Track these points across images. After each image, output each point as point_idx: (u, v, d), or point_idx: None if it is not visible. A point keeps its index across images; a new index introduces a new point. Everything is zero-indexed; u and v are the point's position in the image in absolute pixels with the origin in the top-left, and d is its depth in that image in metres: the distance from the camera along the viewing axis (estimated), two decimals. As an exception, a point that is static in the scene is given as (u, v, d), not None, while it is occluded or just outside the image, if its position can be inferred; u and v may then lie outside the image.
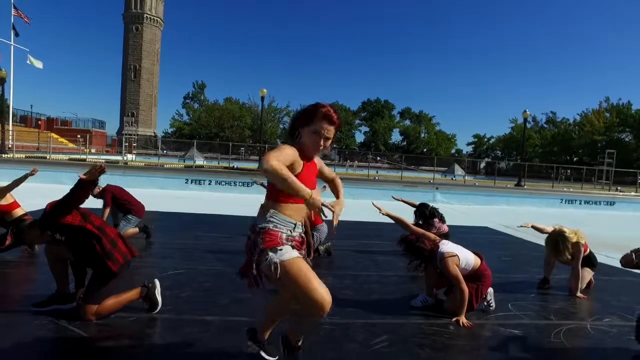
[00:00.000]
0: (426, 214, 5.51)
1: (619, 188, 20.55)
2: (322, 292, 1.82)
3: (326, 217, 1.91)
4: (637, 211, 16.26)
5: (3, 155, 17.49)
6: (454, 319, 3.27)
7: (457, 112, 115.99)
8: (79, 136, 51.61)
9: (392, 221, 3.79)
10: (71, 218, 2.92)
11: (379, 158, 51.05)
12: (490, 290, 3.62)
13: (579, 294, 4.21)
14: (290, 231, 1.97)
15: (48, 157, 19.06)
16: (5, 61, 41.06)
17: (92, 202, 5.14)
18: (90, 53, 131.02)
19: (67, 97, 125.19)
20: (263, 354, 2.27)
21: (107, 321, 2.89)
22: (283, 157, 1.80)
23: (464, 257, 3.45)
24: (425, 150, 70.14)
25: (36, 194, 5.46)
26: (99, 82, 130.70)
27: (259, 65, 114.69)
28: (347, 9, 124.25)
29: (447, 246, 3.49)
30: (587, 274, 4.40)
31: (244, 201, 12.41)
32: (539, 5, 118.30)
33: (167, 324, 2.97)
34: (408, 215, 4.87)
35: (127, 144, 24.24)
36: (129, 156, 25.93)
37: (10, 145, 20.19)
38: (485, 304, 3.60)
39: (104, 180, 14.24)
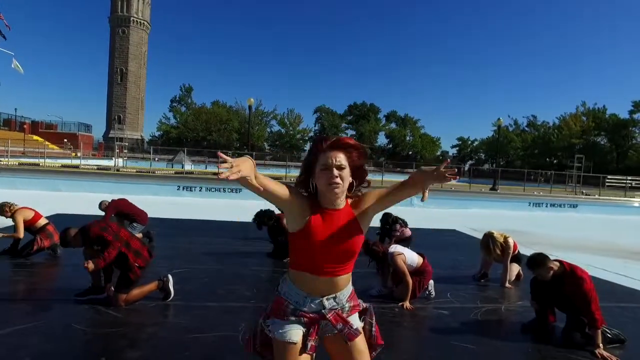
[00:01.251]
0: (389, 221, 6.51)
1: (583, 191, 21.93)
2: None
3: None
4: (596, 213, 17.60)
5: (-2, 163, 17.99)
6: (400, 304, 4.24)
7: (442, 115, 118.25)
8: (65, 140, 51.63)
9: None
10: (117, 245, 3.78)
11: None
12: (431, 282, 4.61)
13: (507, 284, 5.24)
14: (299, 304, 1.61)
15: (41, 164, 19.58)
16: (-9, 65, 41.05)
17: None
18: (76, 56, 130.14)
19: (52, 100, 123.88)
20: None
21: (133, 306, 3.80)
22: (272, 184, 1.49)
23: (410, 256, 4.43)
24: (410, 153, 71.64)
25: (35, 203, 6.24)
26: (84, 85, 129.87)
27: (246, 68, 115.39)
28: (332, 11, 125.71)
29: (396, 248, 4.48)
30: (515, 268, 5.41)
31: (233, 207, 13.28)
32: (523, 8, 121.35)
33: (178, 308, 3.89)
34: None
35: (118, 150, 24.67)
36: (120, 161, 26.47)
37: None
38: (427, 293, 4.58)
39: (101, 187, 15.01)
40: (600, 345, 3.30)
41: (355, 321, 1.68)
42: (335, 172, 1.49)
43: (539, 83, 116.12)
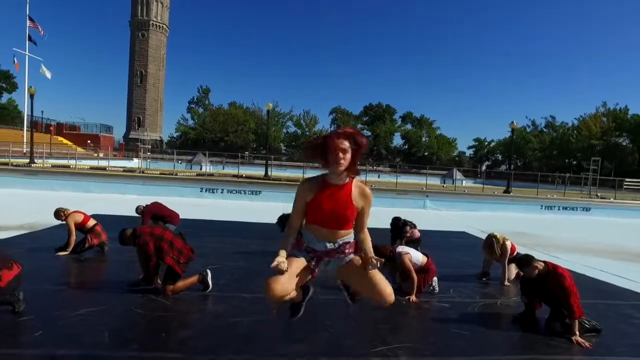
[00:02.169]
0: (399, 225, 7.11)
1: (598, 194, 22.00)
2: (266, 281, 2.31)
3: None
4: (610, 217, 17.78)
5: (33, 166, 19.17)
6: (406, 297, 4.85)
7: (458, 115, 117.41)
8: (89, 141, 53.47)
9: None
10: (151, 244, 4.48)
11: (376, 168, 52.36)
12: (435, 279, 5.20)
13: (506, 282, 5.78)
14: (310, 243, 2.39)
15: (72, 166, 20.69)
16: (21, 70, 43.02)
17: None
18: (98, 59, 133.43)
19: (75, 102, 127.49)
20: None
21: (179, 296, 4.50)
22: (293, 211, 2.36)
23: (415, 256, 5.04)
24: (426, 153, 71.61)
25: (71, 205, 6.95)
26: (106, 88, 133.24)
27: (262, 69, 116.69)
28: (349, 12, 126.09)
29: (403, 248, 5.10)
30: (514, 269, 5.94)
31: (253, 208, 14.04)
32: (540, 9, 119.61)
33: (216, 298, 4.58)
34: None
35: (144, 153, 25.75)
36: (143, 162, 27.59)
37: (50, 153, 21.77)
38: (431, 288, 5.18)
39: (129, 188, 16.09)
40: (577, 333, 3.84)
41: (350, 257, 2.46)
42: (340, 154, 2.17)
43: (558, 83, 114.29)
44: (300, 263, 2.36)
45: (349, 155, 2.19)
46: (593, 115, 61.29)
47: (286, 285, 2.27)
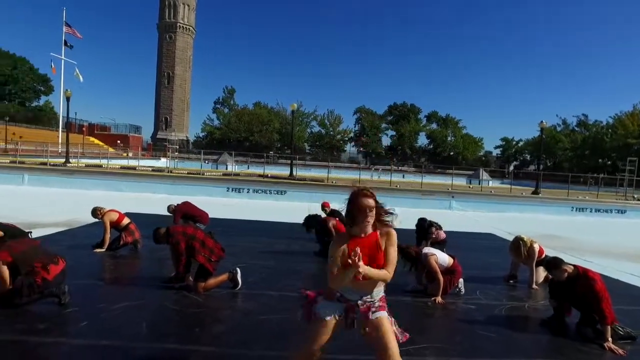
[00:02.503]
0: (424, 226, 7.10)
1: (635, 196, 21.17)
2: (303, 352, 2.39)
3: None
4: (646, 219, 17.11)
5: (68, 165, 20.01)
6: (432, 299, 4.86)
7: (485, 114, 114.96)
8: (119, 141, 55.22)
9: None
10: (183, 243, 4.66)
11: (400, 168, 51.88)
12: (461, 280, 5.19)
13: (534, 285, 5.70)
14: (345, 295, 2.41)
15: (104, 166, 21.47)
16: (57, 74, 44.88)
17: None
18: (128, 62, 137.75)
19: (106, 104, 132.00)
20: None
21: (210, 293, 4.67)
22: (335, 254, 2.35)
23: (441, 257, 5.04)
24: (451, 153, 70.45)
25: (103, 203, 7.24)
26: (135, 89, 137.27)
27: (287, 69, 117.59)
28: (374, 12, 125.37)
29: (429, 250, 5.11)
30: (542, 272, 5.84)
31: (278, 208, 14.23)
32: (572, 5, 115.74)
33: (245, 296, 4.73)
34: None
35: (171, 153, 26.43)
36: (170, 162, 28.32)
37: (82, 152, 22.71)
38: (457, 290, 5.17)
39: (159, 188, 16.52)
40: (609, 339, 3.78)
41: (380, 314, 2.40)
42: (367, 212, 2.30)
43: (591, 81, 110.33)
44: (329, 328, 2.40)
45: (374, 213, 2.33)
46: (630, 113, 58.78)
47: (315, 351, 2.40)
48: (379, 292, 2.45)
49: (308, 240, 7.78)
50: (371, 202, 2.32)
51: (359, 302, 2.38)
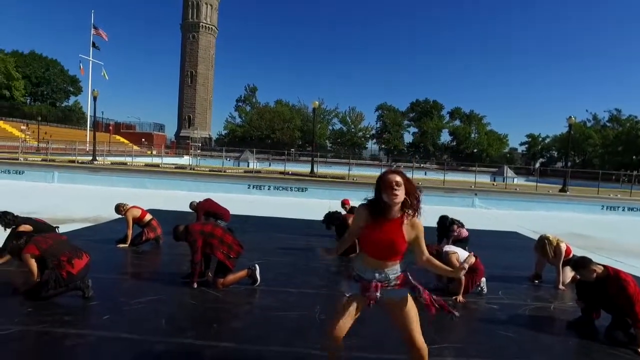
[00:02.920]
0: (446, 224, 6.95)
1: (670, 194, 20.23)
2: (332, 327, 2.43)
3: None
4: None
5: (95, 163, 20.61)
6: (453, 297, 4.76)
7: (510, 111, 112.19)
8: (143, 140, 56.50)
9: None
10: (200, 241, 4.69)
11: (422, 165, 51.16)
12: (483, 279, 5.07)
13: (560, 286, 5.51)
14: (360, 272, 2.44)
15: (129, 163, 22.00)
16: (85, 74, 46.28)
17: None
18: (152, 61, 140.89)
19: (131, 103, 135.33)
20: None
21: (229, 289, 4.71)
22: (352, 227, 2.53)
23: (462, 255, 4.91)
24: (475, 150, 69.08)
25: (127, 199, 7.36)
26: (159, 88, 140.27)
27: (308, 67, 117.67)
28: (393, 9, 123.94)
29: (450, 247, 5.00)
30: (569, 272, 5.64)
31: (299, 204, 14.25)
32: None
33: (264, 292, 4.74)
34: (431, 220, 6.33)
35: (194, 151, 26.86)
36: (193, 159, 28.80)
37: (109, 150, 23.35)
38: (479, 289, 5.05)
39: (181, 185, 16.76)
40: (643, 344, 3.60)
41: (397, 293, 2.43)
42: (394, 188, 2.25)
43: (625, 74, 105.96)
44: (352, 305, 2.46)
45: (402, 190, 2.27)
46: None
47: (343, 327, 2.43)
48: (394, 270, 2.42)
49: (328, 237, 7.76)
50: (399, 178, 2.27)
51: (373, 281, 2.39)
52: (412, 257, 2.50)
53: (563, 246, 5.55)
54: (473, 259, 4.91)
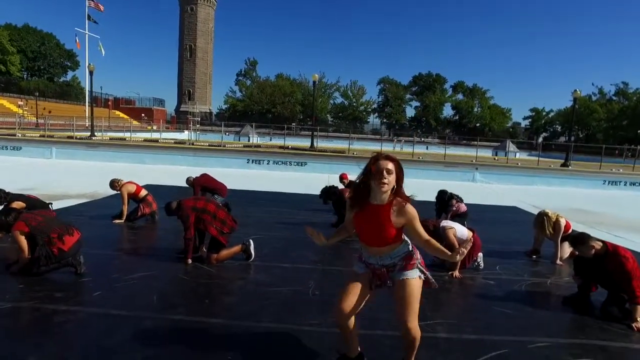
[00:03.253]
0: (445, 198, 6.87)
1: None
2: (338, 302, 2.39)
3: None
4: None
5: (93, 139, 20.45)
6: (450, 273, 4.72)
7: (514, 84, 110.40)
8: (143, 115, 56.05)
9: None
10: (192, 217, 4.61)
11: (424, 139, 50.76)
12: (480, 254, 5.02)
13: (558, 261, 5.46)
14: (365, 257, 2.48)
15: (127, 139, 21.84)
16: (81, 48, 45.46)
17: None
18: (151, 35, 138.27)
19: (131, 77, 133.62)
20: None
21: (222, 264, 4.67)
22: (347, 218, 2.48)
23: (460, 230, 4.86)
24: (477, 125, 68.41)
25: (126, 175, 7.30)
26: (158, 62, 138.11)
27: (309, 40, 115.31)
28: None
29: (447, 222, 4.93)
30: (567, 247, 5.57)
31: (298, 179, 14.17)
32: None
33: (258, 268, 4.70)
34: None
35: (194, 125, 26.63)
36: (193, 134, 28.57)
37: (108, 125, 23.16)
38: (476, 264, 5.00)
39: (180, 160, 16.65)
40: (639, 319, 3.57)
41: (405, 274, 2.38)
42: (384, 174, 2.18)
43: (634, 47, 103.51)
44: (360, 283, 2.44)
45: (393, 177, 2.21)
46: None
47: (350, 303, 2.38)
48: (399, 252, 2.39)
49: (326, 212, 7.70)
50: (391, 165, 2.21)
51: (377, 265, 2.41)
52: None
53: (562, 221, 5.48)
54: (470, 245, 4.84)
